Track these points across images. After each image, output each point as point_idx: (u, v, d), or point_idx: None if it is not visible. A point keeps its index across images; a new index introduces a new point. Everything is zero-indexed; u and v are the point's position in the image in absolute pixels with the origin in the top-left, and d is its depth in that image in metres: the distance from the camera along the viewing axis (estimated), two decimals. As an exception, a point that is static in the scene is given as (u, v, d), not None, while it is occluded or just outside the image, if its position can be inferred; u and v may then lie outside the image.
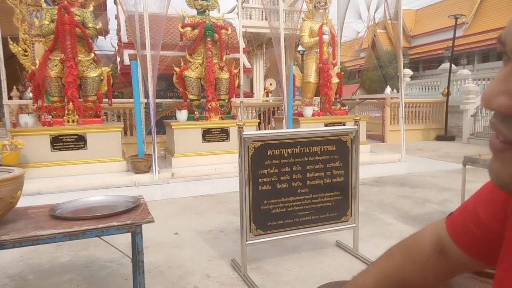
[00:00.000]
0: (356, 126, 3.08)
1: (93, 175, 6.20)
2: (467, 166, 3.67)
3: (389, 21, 8.86)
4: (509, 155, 0.40)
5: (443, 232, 0.69)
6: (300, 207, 2.95)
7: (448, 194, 5.15)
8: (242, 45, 8.68)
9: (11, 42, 6.51)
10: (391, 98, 11.39)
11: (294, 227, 2.95)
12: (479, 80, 12.90)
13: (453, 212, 0.71)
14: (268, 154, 2.82)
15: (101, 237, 2.07)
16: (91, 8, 6.83)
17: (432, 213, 4.34)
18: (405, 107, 9.60)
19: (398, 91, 8.70)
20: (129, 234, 2.19)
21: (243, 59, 9.13)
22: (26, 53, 7.09)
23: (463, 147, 10.14)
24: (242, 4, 9.19)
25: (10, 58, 7.34)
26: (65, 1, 6.35)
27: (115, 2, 9.55)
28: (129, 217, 2.07)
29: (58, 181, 5.82)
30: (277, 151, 2.84)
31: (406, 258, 0.75)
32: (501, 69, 0.41)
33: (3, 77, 6.40)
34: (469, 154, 3.84)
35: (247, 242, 2.79)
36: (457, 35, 13.14)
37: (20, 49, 6.89)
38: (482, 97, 0.40)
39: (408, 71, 16.14)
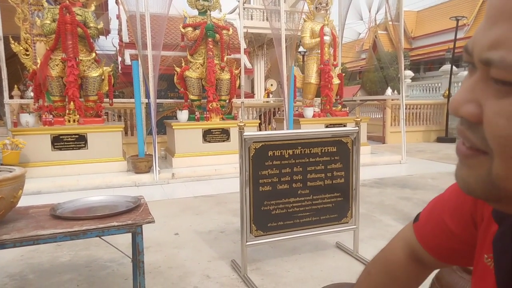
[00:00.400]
0: (357, 128, 3.08)
1: (93, 175, 6.20)
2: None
3: (390, 23, 8.85)
4: (475, 160, 0.41)
5: (414, 241, 0.70)
6: (300, 208, 2.95)
7: (449, 196, 5.14)
8: (243, 45, 8.69)
9: (12, 42, 6.52)
10: (392, 100, 11.39)
11: (295, 228, 2.95)
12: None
13: (419, 217, 0.71)
14: (269, 155, 2.82)
15: (102, 237, 2.07)
16: (93, 8, 6.83)
17: (433, 215, 4.33)
18: (406, 108, 9.60)
19: (399, 93, 8.70)
20: (129, 234, 2.19)
21: (244, 59, 9.13)
22: (28, 53, 7.10)
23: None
24: (243, 5, 9.20)
25: (12, 58, 7.35)
26: (67, 1, 6.36)
27: (116, 2, 9.56)
28: (129, 217, 2.08)
29: (58, 181, 5.82)
30: (278, 152, 2.84)
31: (385, 275, 0.76)
32: (466, 77, 0.42)
33: (4, 76, 6.40)
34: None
35: (247, 243, 2.79)
36: (458, 36, 13.14)
37: (21, 48, 6.90)
38: (450, 104, 0.42)
39: (409, 73, 16.15)
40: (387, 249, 0.79)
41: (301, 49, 12.40)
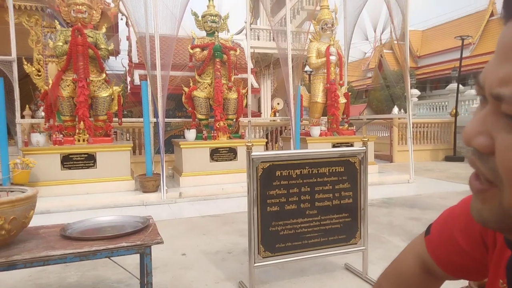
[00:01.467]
0: (364, 148, 3.09)
1: (101, 194, 6.23)
2: (477, 188, 3.63)
3: (395, 42, 8.95)
4: (487, 195, 0.42)
5: (425, 255, 0.70)
6: (308, 229, 2.93)
7: (459, 216, 5.07)
8: (250, 65, 8.81)
9: (25, 63, 6.69)
10: (399, 118, 11.38)
11: (303, 249, 2.93)
12: (487, 100, 12.83)
13: (430, 230, 0.71)
14: (277, 174, 2.83)
15: (111, 258, 2.07)
16: (104, 30, 7.02)
17: (443, 236, 4.26)
18: (413, 127, 9.58)
19: (405, 111, 8.70)
20: (137, 254, 2.19)
21: (251, 79, 9.25)
22: (40, 73, 7.28)
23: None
24: (250, 26, 9.37)
25: (24, 78, 7.53)
26: (79, 23, 6.54)
27: (126, 24, 9.81)
28: (138, 238, 2.09)
29: (67, 200, 5.86)
30: (286, 172, 2.85)
31: (397, 287, 0.76)
32: (478, 108, 0.43)
33: (17, 97, 6.54)
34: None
35: (255, 264, 2.77)
36: (464, 55, 13.20)
37: (33, 69, 7.08)
38: (463, 135, 0.43)
39: (416, 91, 16.19)
40: (398, 261, 0.79)
41: (307, 68, 12.54)
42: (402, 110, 13.30)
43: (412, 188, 7.38)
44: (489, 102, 0.41)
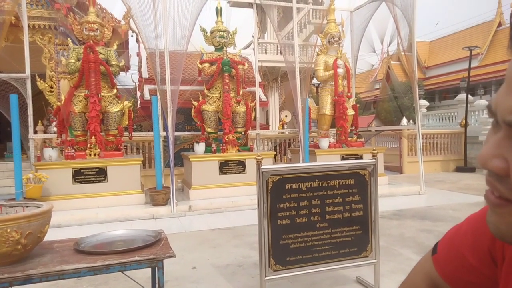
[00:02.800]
0: (374, 160, 3.09)
1: (112, 208, 6.28)
2: (489, 200, 3.59)
3: (402, 53, 8.98)
4: (504, 209, 0.44)
5: (434, 274, 0.71)
6: (319, 242, 2.93)
7: (471, 228, 5.00)
8: (258, 79, 8.91)
9: (38, 79, 6.85)
10: (408, 129, 11.32)
11: (314, 263, 2.92)
12: (498, 110, 12.72)
13: (437, 249, 0.72)
14: (287, 188, 2.84)
15: (123, 272, 2.09)
16: (115, 47, 7.18)
17: (456, 248, 4.20)
18: (422, 138, 9.53)
19: (414, 122, 8.67)
20: (148, 268, 2.21)
21: (259, 92, 9.33)
22: (52, 89, 7.45)
23: (484, 178, 9.76)
24: (257, 40, 9.50)
25: (37, 95, 7.71)
26: (91, 41, 6.71)
27: (137, 41, 10.01)
28: (151, 252, 2.10)
29: (78, 214, 5.92)
30: (296, 185, 2.86)
31: None
32: (491, 131, 0.46)
33: (30, 113, 6.69)
34: (491, 187, 3.77)
35: (266, 278, 2.76)
36: (472, 65, 13.16)
37: (46, 85, 7.23)
38: (478, 158, 0.46)
39: (424, 102, 16.11)
40: (407, 282, 0.79)
41: (314, 81, 12.61)
42: (411, 121, 13.25)
43: (423, 200, 7.31)
44: (502, 127, 0.44)
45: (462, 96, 13.88)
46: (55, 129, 7.41)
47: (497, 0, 22.89)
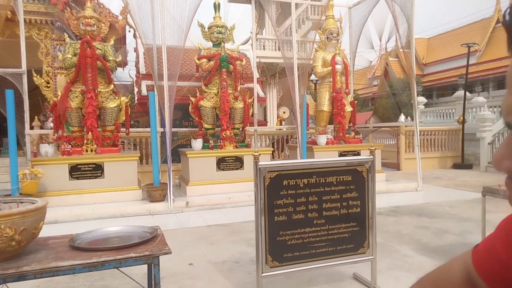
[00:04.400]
0: (372, 156, 3.08)
1: (109, 204, 6.26)
2: (486, 196, 3.60)
3: (401, 50, 8.96)
4: None
5: (471, 266, 0.69)
6: (316, 239, 2.92)
7: (468, 224, 5.01)
8: (256, 75, 8.87)
9: (35, 75, 6.80)
10: (406, 126, 11.33)
11: (311, 259, 2.91)
12: (495, 107, 12.78)
13: (478, 244, 0.70)
14: (284, 184, 2.83)
15: (119, 268, 2.08)
16: (112, 42, 7.12)
17: (452, 245, 4.22)
18: (420, 135, 9.53)
19: (412, 119, 8.67)
20: (145, 264, 2.19)
21: (257, 88, 9.30)
22: (49, 85, 7.38)
23: (481, 175, 9.93)
24: (256, 36, 9.45)
25: (34, 90, 7.66)
26: (88, 36, 6.65)
27: (134, 36, 9.95)
28: (146, 248, 2.09)
29: (75, 210, 5.90)
30: (293, 181, 2.85)
31: None
32: (508, 135, 0.45)
33: (26, 108, 6.64)
34: (487, 183, 3.78)
35: (263, 274, 2.75)
36: (470, 62, 13.15)
37: (43, 81, 7.18)
38: (492, 159, 0.45)
39: (422, 99, 16.11)
40: (445, 266, 0.78)
41: (313, 77, 12.58)
42: (408, 118, 13.26)
43: (420, 196, 7.32)
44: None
45: (460, 93, 13.89)
46: (51, 124, 7.37)
47: (496, -3, 22.85)
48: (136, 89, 10.83)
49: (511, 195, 0.45)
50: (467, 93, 12.60)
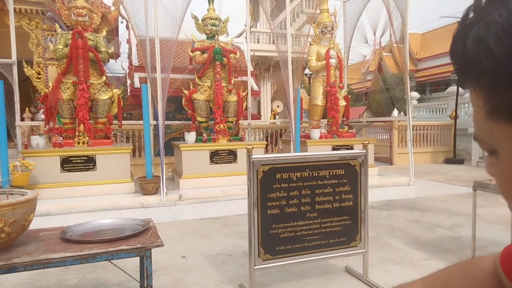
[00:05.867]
0: (365, 150, 3.09)
1: (101, 197, 6.23)
2: (477, 191, 3.64)
3: (395, 45, 8.97)
4: None
5: (498, 263, 0.69)
6: (309, 232, 2.93)
7: (459, 218, 5.07)
8: (250, 68, 8.83)
9: (25, 65, 6.69)
10: (399, 121, 11.39)
11: (303, 252, 2.92)
12: (487, 103, 12.85)
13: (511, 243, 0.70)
14: (277, 177, 2.83)
15: (111, 261, 2.07)
16: (104, 33, 7.03)
17: (443, 238, 4.26)
18: (413, 129, 9.59)
19: (405, 114, 8.72)
20: (137, 257, 2.19)
21: (251, 82, 9.26)
22: (40, 76, 7.28)
23: (472, 170, 10.04)
24: (250, 29, 9.40)
25: (24, 81, 7.54)
26: (79, 27, 6.56)
27: (127, 27, 9.83)
28: (138, 241, 2.08)
29: (66, 202, 5.85)
30: (286, 175, 2.85)
31: (463, 277, 0.74)
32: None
33: (17, 99, 6.55)
34: (478, 178, 3.81)
35: (256, 267, 2.76)
36: (463, 58, 13.18)
37: (34, 72, 7.08)
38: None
39: (415, 94, 16.20)
40: (478, 258, 0.78)
41: (307, 71, 12.57)
42: (402, 113, 13.34)
43: (412, 191, 7.38)
44: None
45: (452, 88, 13.97)
46: (42, 116, 7.27)
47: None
48: (128, 81, 10.73)
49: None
50: (460, 88, 12.69)
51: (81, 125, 6.50)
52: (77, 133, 6.59)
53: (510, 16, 0.36)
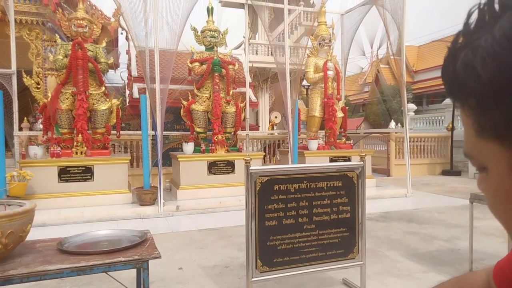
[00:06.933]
0: (362, 162, 3.11)
1: (98, 207, 6.20)
2: (474, 203, 3.65)
3: (392, 57, 9.07)
4: None
5: (491, 278, 0.70)
6: (306, 244, 2.93)
7: (456, 231, 5.07)
8: (248, 79, 8.90)
9: (25, 76, 6.72)
10: (396, 133, 11.44)
11: (301, 264, 2.92)
12: (483, 115, 12.96)
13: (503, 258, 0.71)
14: (275, 189, 2.84)
15: (107, 273, 2.06)
16: (104, 44, 7.09)
17: (440, 251, 4.26)
18: (410, 141, 9.64)
19: (402, 126, 8.76)
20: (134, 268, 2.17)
21: (249, 93, 9.32)
22: (39, 86, 7.31)
23: (469, 182, 10.06)
24: (248, 41, 9.49)
25: (23, 91, 7.57)
26: (79, 37, 6.61)
27: (126, 38, 9.91)
28: (136, 252, 2.07)
29: (63, 213, 5.83)
30: (284, 186, 2.86)
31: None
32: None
33: (16, 109, 6.56)
34: (475, 190, 3.82)
35: (253, 279, 2.75)
36: (459, 71, 13.31)
37: (33, 82, 7.11)
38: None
39: (412, 106, 16.29)
40: (471, 273, 0.79)
41: (305, 82, 12.65)
42: (399, 124, 13.40)
43: (409, 202, 7.38)
44: None
45: (449, 100, 14.06)
46: (41, 126, 7.28)
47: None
48: (127, 92, 10.77)
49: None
50: (456, 100, 12.77)
51: (80, 135, 6.50)
52: (75, 143, 6.59)
53: (495, 42, 0.39)
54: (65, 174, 6.30)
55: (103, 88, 6.94)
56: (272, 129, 13.45)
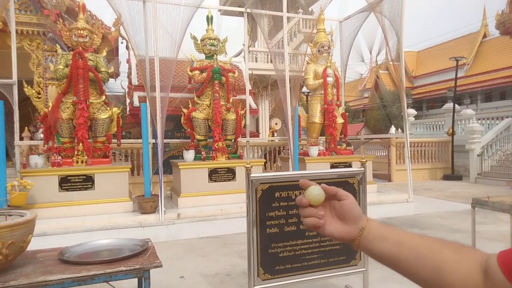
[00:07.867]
0: (363, 168, 3.10)
1: (99, 216, 6.18)
2: (476, 208, 3.64)
3: (391, 63, 9.11)
4: None
5: (493, 259, 0.70)
6: (308, 251, 2.91)
7: (459, 236, 5.05)
8: (248, 87, 8.93)
9: (25, 85, 6.75)
10: (396, 138, 11.44)
11: (302, 271, 2.90)
12: (483, 119, 13.00)
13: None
14: (276, 196, 2.83)
15: (109, 282, 2.05)
16: (104, 54, 7.13)
17: (443, 256, 4.23)
18: (410, 146, 9.64)
19: (402, 131, 8.77)
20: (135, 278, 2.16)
21: (249, 100, 9.35)
22: (39, 96, 7.34)
23: (471, 186, 10.03)
24: (248, 48, 9.54)
25: (24, 101, 7.60)
26: (80, 47, 6.65)
27: (127, 47, 9.98)
28: (137, 262, 2.07)
29: (64, 222, 5.81)
30: (285, 193, 2.85)
31: (455, 253, 0.76)
32: None
33: (16, 119, 6.58)
34: (477, 194, 3.82)
35: (255, 287, 2.73)
36: (458, 75, 13.40)
37: (33, 91, 7.14)
38: None
39: (412, 111, 16.31)
40: (471, 247, 0.79)
41: (304, 89, 12.70)
42: (399, 130, 13.41)
43: (411, 208, 7.36)
44: None
45: (449, 105, 14.11)
46: (41, 135, 7.29)
47: (482, 12, 23.47)
48: (128, 100, 10.81)
49: None
50: (456, 105, 12.81)
51: (80, 144, 6.51)
52: (76, 152, 6.59)
53: None
54: (65, 183, 6.30)
55: (104, 97, 6.96)
56: (273, 135, 13.46)
